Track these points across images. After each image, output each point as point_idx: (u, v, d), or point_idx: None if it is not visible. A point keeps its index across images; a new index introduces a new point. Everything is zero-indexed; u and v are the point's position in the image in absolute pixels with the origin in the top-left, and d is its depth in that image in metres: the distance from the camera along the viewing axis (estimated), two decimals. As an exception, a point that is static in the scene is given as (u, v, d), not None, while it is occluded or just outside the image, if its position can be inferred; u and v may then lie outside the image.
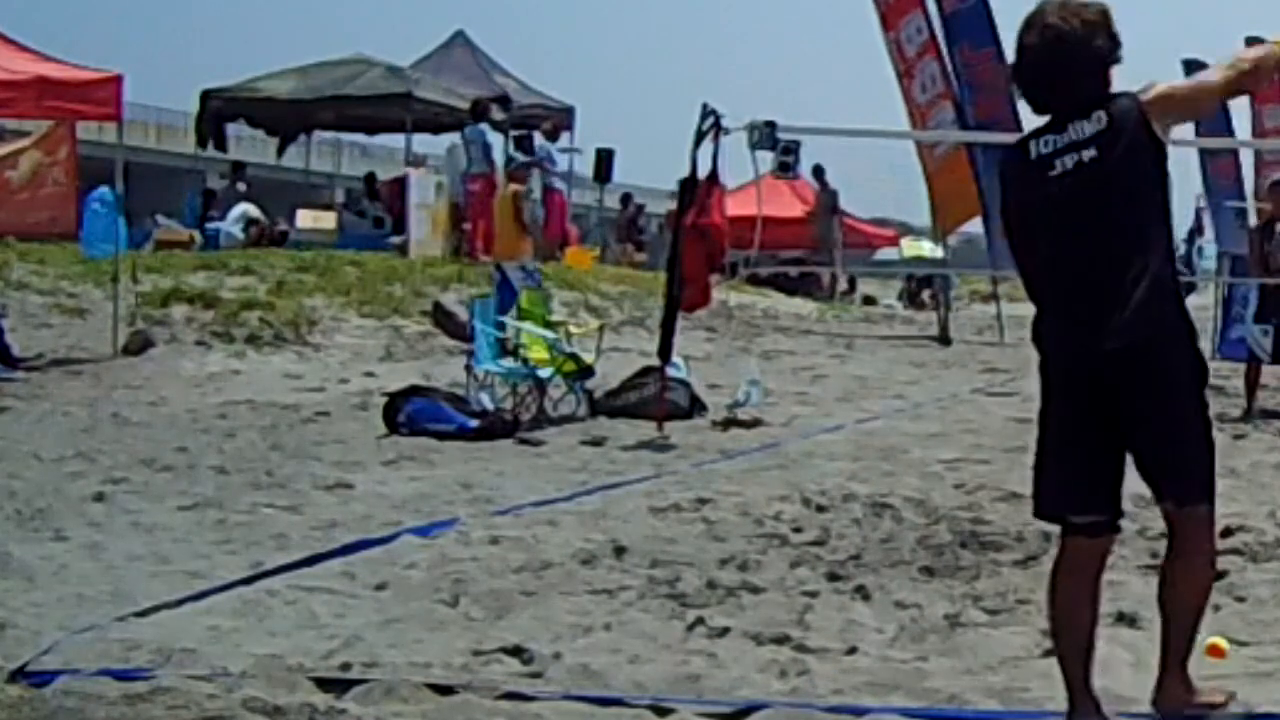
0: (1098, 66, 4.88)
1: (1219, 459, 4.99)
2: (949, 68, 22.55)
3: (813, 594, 6.82)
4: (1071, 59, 4.83)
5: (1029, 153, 4.92)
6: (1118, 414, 4.79)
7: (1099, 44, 4.86)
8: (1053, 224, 4.87)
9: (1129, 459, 4.88)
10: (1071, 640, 4.95)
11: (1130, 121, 4.81)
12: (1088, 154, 4.80)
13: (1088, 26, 4.84)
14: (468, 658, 5.77)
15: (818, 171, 29.69)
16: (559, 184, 27.49)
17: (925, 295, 29.64)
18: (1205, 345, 6.83)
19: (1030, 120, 5.09)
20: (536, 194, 26.67)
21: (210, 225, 24.95)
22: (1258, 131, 28.19)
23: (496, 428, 11.71)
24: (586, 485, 9.66)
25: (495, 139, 24.82)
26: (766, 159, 13.19)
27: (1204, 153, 27.20)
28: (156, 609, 6.37)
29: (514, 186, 18.22)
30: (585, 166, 29.24)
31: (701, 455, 11.04)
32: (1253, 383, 13.66)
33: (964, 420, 13.01)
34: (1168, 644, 5.01)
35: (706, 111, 12.20)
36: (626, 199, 35.35)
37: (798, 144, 12.80)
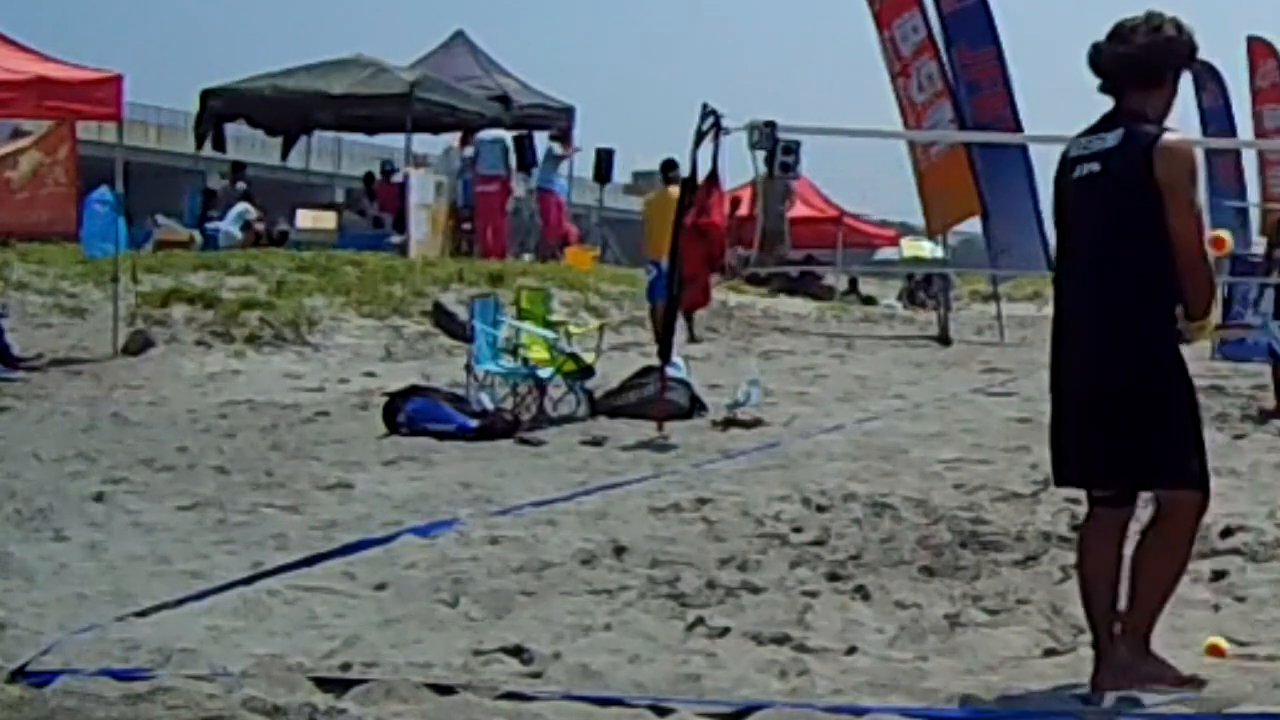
0: (1147, 80, 5.10)
1: (1219, 459, 5.06)
2: (947, 67, 22.52)
3: (813, 594, 6.82)
4: (1124, 64, 5.10)
5: (1068, 150, 5.21)
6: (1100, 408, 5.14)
7: (1154, 64, 5.11)
8: (1065, 225, 5.23)
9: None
10: (1099, 598, 5.24)
11: (1136, 152, 5.00)
12: (1092, 167, 5.07)
13: (1156, 40, 5.09)
14: (468, 658, 5.77)
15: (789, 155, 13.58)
16: (558, 187, 27.49)
17: (925, 295, 29.61)
18: (1204, 345, 6.83)
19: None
20: (534, 194, 26.78)
21: (210, 225, 24.96)
22: (1259, 132, 28.22)
23: (496, 428, 11.70)
24: (586, 485, 9.65)
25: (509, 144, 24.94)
26: (766, 159, 13.15)
27: (1207, 153, 27.18)
28: (156, 609, 6.37)
29: (674, 189, 18.86)
30: (585, 167, 29.25)
31: (701, 455, 11.03)
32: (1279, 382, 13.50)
33: (964, 420, 12.99)
34: (1128, 615, 5.20)
35: (706, 111, 12.18)
36: None
37: (798, 144, 12.76)
